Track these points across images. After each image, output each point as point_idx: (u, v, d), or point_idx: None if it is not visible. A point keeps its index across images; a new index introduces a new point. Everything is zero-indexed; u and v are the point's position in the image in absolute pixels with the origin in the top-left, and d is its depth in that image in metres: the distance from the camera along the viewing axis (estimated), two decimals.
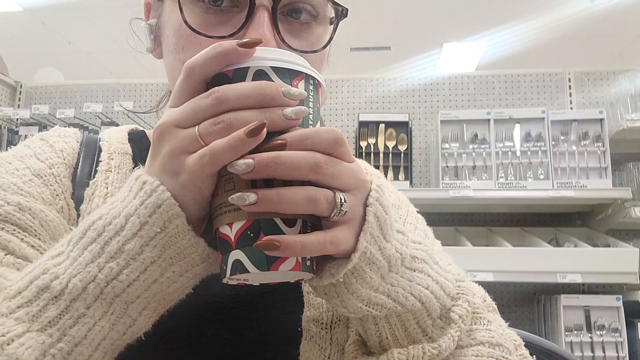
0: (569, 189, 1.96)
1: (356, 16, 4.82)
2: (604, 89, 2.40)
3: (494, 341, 0.50)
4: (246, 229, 0.38)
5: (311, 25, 0.51)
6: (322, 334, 0.53)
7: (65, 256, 0.39)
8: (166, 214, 0.38)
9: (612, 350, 1.87)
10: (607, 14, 4.83)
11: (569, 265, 1.86)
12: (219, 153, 0.36)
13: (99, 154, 0.60)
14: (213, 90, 0.38)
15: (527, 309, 2.26)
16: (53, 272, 0.38)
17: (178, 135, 0.38)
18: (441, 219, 2.40)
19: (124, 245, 0.38)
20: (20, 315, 0.37)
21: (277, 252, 0.36)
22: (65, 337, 0.37)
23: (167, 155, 0.39)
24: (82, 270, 0.38)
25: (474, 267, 1.88)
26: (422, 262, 0.46)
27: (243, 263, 0.38)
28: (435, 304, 0.46)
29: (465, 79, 2.52)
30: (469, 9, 4.91)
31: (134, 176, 0.40)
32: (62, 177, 0.56)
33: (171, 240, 0.39)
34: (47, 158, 0.56)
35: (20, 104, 2.76)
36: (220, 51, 0.38)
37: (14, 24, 5.45)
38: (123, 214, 0.39)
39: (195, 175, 0.37)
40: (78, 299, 0.38)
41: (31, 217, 0.49)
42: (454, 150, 2.10)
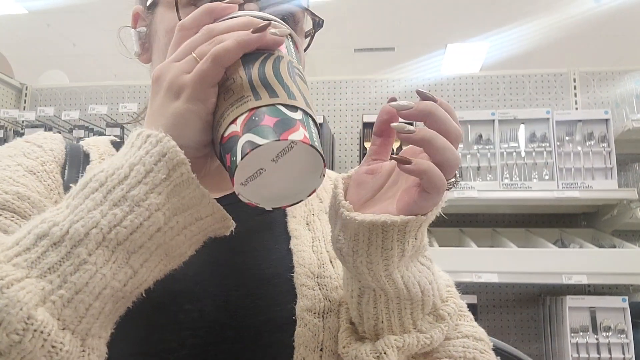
0: (574, 190, 1.95)
1: (360, 17, 4.88)
2: (609, 89, 2.39)
3: (477, 336, 0.55)
4: (251, 116, 0.39)
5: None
6: (315, 322, 0.55)
7: (64, 207, 0.39)
8: (171, 161, 0.39)
9: (618, 352, 1.86)
10: (612, 14, 4.81)
11: (575, 266, 1.85)
12: (226, 50, 0.40)
13: (85, 158, 0.62)
14: (204, 27, 0.42)
15: (533, 310, 2.25)
16: (51, 220, 0.38)
17: (175, 65, 0.42)
18: (445, 220, 2.38)
19: (128, 193, 0.38)
20: (18, 261, 0.36)
21: (409, 167, 0.41)
22: (66, 283, 0.37)
23: (168, 82, 0.41)
24: (84, 217, 0.38)
25: (478, 268, 1.87)
26: (429, 261, 0.51)
27: (252, 140, 0.38)
28: (430, 299, 0.50)
29: (470, 80, 2.51)
30: (473, 9, 4.90)
31: (134, 134, 0.42)
32: (54, 173, 0.57)
33: (176, 189, 0.40)
34: (38, 156, 0.58)
35: (25, 106, 2.77)
36: (207, 7, 0.44)
37: (19, 27, 5.48)
38: (127, 164, 0.39)
39: (198, 86, 0.40)
40: (80, 244, 0.37)
41: (30, 205, 0.50)
42: (459, 150, 2.09)
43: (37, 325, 0.35)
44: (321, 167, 0.41)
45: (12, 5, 5.02)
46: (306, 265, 0.59)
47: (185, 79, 0.41)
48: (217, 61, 0.40)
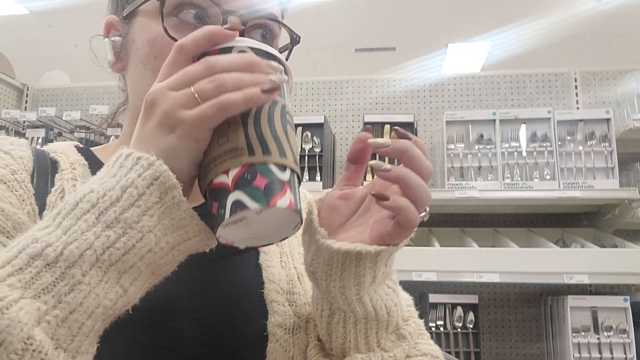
0: (576, 190, 1.95)
1: (361, 17, 4.89)
2: (611, 89, 2.39)
3: (434, 353, 0.59)
4: (243, 173, 0.41)
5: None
6: (286, 338, 0.57)
7: (54, 227, 0.39)
8: (163, 185, 0.40)
9: (619, 352, 1.86)
10: (613, 14, 4.81)
11: (576, 266, 1.85)
12: (233, 104, 0.40)
13: (53, 165, 0.60)
14: (205, 58, 0.42)
15: (534, 310, 2.25)
16: (44, 241, 0.38)
17: (172, 95, 0.41)
18: (447, 219, 2.39)
19: (121, 215, 0.39)
20: (12, 282, 0.36)
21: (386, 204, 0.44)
22: (61, 304, 0.37)
23: (163, 113, 0.41)
24: (78, 238, 0.38)
25: (480, 268, 1.87)
26: (394, 284, 0.54)
27: (243, 201, 0.40)
28: (394, 320, 0.54)
29: (471, 80, 2.51)
30: (474, 9, 4.90)
31: (122, 154, 0.42)
32: (25, 182, 0.56)
33: (167, 211, 0.41)
34: (8, 164, 0.56)
35: (27, 107, 2.78)
36: (209, 32, 0.43)
37: (21, 27, 5.48)
38: (118, 187, 0.40)
39: (196, 127, 0.40)
40: (74, 265, 0.37)
41: (4, 218, 0.49)
42: (460, 150, 2.09)
43: (35, 346, 0.35)
44: (298, 223, 0.44)
45: (13, 5, 5.03)
46: (276, 281, 0.61)
47: (183, 115, 0.41)
48: (222, 111, 0.40)
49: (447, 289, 2.23)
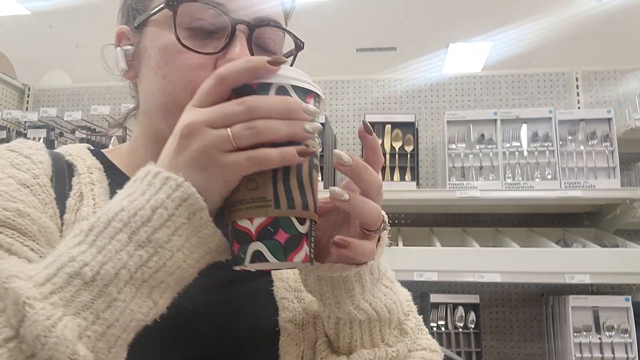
0: (577, 189, 1.95)
1: (362, 17, 4.88)
2: (612, 89, 2.38)
3: (433, 347, 0.63)
4: (267, 225, 0.44)
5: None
6: (296, 332, 0.61)
7: (88, 245, 0.41)
8: (192, 206, 0.42)
9: (621, 352, 1.86)
10: (614, 13, 4.80)
11: (577, 265, 1.85)
12: (270, 160, 0.42)
13: (69, 169, 0.62)
14: (245, 99, 0.43)
15: (535, 310, 2.24)
16: (81, 260, 0.40)
17: (210, 134, 0.42)
18: (448, 219, 2.39)
19: (152, 235, 0.41)
20: (55, 300, 0.38)
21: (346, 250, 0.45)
22: (99, 319, 0.39)
23: (199, 151, 0.42)
24: (112, 257, 0.40)
25: (481, 268, 1.87)
26: (391, 282, 0.58)
27: (263, 254, 0.44)
28: (395, 317, 0.57)
29: (472, 79, 2.51)
30: (475, 9, 4.90)
31: (150, 172, 0.44)
32: (47, 187, 0.57)
33: (195, 230, 0.43)
34: (30, 169, 0.57)
35: (28, 107, 2.78)
36: (252, 65, 0.44)
37: (22, 28, 5.49)
38: (148, 206, 0.42)
39: (230, 172, 0.43)
40: (110, 284, 0.40)
41: (30, 222, 0.51)
42: (461, 150, 2.09)
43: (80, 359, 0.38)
44: (308, 264, 0.47)
45: (14, 6, 5.03)
46: (284, 279, 0.65)
47: (218, 159, 0.42)
48: (257, 165, 0.42)
49: (448, 288, 2.23)
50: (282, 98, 0.44)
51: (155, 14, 0.59)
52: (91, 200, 0.59)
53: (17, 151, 0.60)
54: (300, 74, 0.46)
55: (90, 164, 0.64)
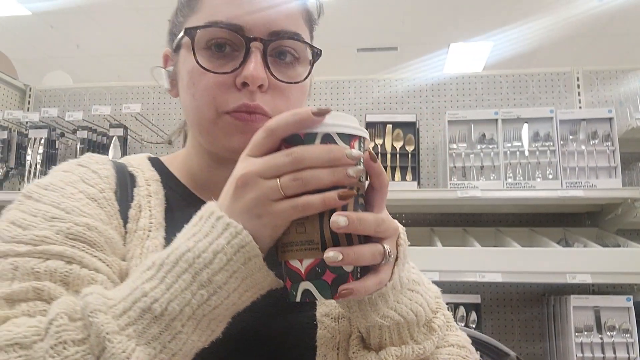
0: (578, 189, 1.95)
1: (363, 17, 4.86)
2: (613, 88, 2.38)
3: (461, 344, 0.67)
4: (315, 266, 0.48)
5: (294, 64, 0.66)
6: (332, 325, 0.66)
7: (159, 281, 0.47)
8: (248, 253, 0.47)
9: (623, 352, 1.86)
10: (615, 13, 4.80)
11: (579, 265, 1.85)
12: (312, 206, 0.46)
13: (131, 179, 0.69)
14: (292, 150, 0.47)
15: (537, 310, 2.24)
16: (152, 296, 0.46)
17: (262, 185, 0.47)
18: (449, 219, 2.39)
19: (212, 277, 0.47)
20: (129, 332, 0.45)
21: (352, 295, 0.48)
22: (165, 349, 0.47)
23: (253, 201, 0.48)
24: (178, 296, 0.47)
25: (482, 268, 1.87)
26: (417, 284, 0.60)
27: (312, 292, 0.49)
28: (423, 317, 0.60)
29: (473, 79, 2.51)
30: (476, 8, 4.90)
31: (213, 214, 0.49)
32: (112, 200, 0.64)
33: (249, 273, 0.48)
34: (97, 184, 0.65)
35: (29, 107, 2.78)
36: (298, 118, 0.48)
37: (23, 28, 5.50)
38: (210, 250, 0.47)
39: (279, 219, 0.47)
40: (175, 319, 0.47)
41: (98, 234, 0.58)
42: (462, 150, 2.09)
43: None
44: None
45: (15, 6, 5.04)
46: None
47: (269, 208, 0.47)
48: (302, 211, 0.47)
49: (449, 288, 2.23)
50: (326, 147, 0.48)
51: (181, 39, 0.67)
52: (147, 212, 0.66)
53: (87, 166, 0.67)
54: (345, 119, 0.50)
55: (149, 175, 0.71)
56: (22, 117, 2.47)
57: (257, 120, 0.63)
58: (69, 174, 0.65)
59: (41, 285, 0.51)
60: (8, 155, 2.46)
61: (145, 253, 0.62)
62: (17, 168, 2.47)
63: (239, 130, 0.63)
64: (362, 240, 0.50)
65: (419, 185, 2.15)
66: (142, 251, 0.62)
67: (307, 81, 0.69)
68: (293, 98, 0.66)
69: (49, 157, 2.46)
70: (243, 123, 0.63)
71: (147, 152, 0.95)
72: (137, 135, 2.60)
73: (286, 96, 0.66)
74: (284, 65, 0.66)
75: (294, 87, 0.66)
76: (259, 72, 0.61)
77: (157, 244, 0.63)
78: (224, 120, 0.64)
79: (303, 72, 0.67)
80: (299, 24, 0.67)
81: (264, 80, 0.62)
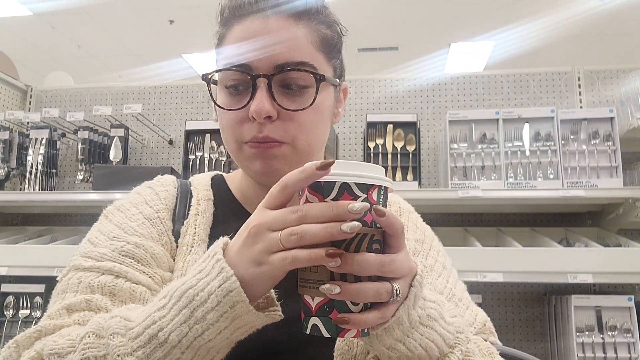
0: (579, 189, 1.95)
1: (364, 17, 4.86)
2: (614, 88, 2.38)
3: None
4: (324, 304, 0.52)
5: (302, 91, 0.72)
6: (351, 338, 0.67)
7: (167, 311, 0.54)
8: (234, 298, 0.52)
9: (624, 352, 1.86)
10: (616, 12, 4.79)
11: (580, 265, 1.85)
12: (299, 261, 0.50)
13: (190, 198, 0.81)
14: (299, 208, 0.51)
15: (538, 310, 2.24)
16: (159, 325, 0.54)
17: (267, 237, 0.51)
18: (450, 219, 2.39)
19: (206, 315, 0.52)
20: (139, 354, 0.54)
21: (347, 325, 0.51)
22: None
23: (257, 252, 0.52)
24: (178, 328, 0.53)
25: (483, 268, 1.87)
26: (433, 320, 0.60)
27: (320, 328, 0.52)
28: (435, 352, 0.61)
29: (474, 79, 2.51)
30: (477, 8, 4.89)
31: (216, 255, 0.54)
32: (165, 219, 0.77)
33: (237, 315, 0.53)
34: (155, 204, 0.78)
35: (30, 108, 2.79)
36: (305, 175, 0.51)
37: (24, 29, 5.50)
38: (206, 290, 0.52)
39: (275, 269, 0.51)
40: (176, 347, 0.53)
41: (144, 251, 0.71)
42: (463, 150, 2.09)
43: None
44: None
45: (16, 7, 5.04)
46: None
47: (268, 259, 0.51)
48: (290, 264, 0.50)
49: None
50: (329, 204, 0.50)
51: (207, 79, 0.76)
52: (193, 229, 0.77)
53: (153, 188, 0.82)
54: (365, 169, 0.52)
55: (202, 195, 0.82)
56: (23, 118, 2.47)
57: (270, 147, 0.71)
58: (137, 196, 0.80)
59: (92, 297, 0.65)
60: (9, 156, 2.47)
61: (186, 266, 0.72)
62: (18, 168, 2.47)
63: (257, 156, 0.72)
64: (374, 280, 0.51)
65: (419, 185, 2.15)
66: (184, 264, 0.73)
67: (325, 102, 0.75)
68: (307, 122, 0.73)
69: (50, 158, 2.46)
70: (259, 150, 0.72)
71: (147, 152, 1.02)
72: (138, 135, 2.60)
73: (298, 122, 0.72)
74: (291, 94, 0.72)
75: (306, 112, 0.72)
76: (262, 106, 0.69)
77: (197, 258, 0.72)
78: (245, 149, 0.73)
79: (309, 97, 0.73)
80: (306, 52, 0.72)
81: (270, 112, 0.69)
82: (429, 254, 0.85)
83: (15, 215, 2.69)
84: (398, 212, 0.92)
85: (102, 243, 0.71)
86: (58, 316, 0.64)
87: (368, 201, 0.52)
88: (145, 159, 2.63)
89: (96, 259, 0.69)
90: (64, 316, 0.64)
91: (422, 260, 0.83)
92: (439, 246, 0.90)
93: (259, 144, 0.71)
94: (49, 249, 2.14)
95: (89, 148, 2.43)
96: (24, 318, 2.18)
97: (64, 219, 2.64)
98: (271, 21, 0.71)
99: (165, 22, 5.30)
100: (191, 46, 5.85)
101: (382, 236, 0.53)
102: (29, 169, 2.40)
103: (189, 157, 2.33)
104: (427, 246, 0.87)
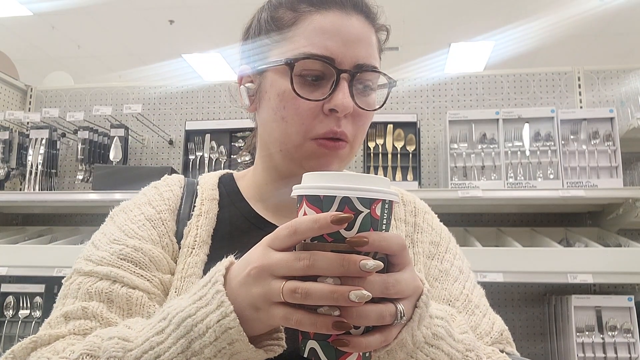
0: (579, 189, 1.95)
1: None
2: (614, 88, 2.38)
3: None
4: None
5: (371, 93, 0.73)
6: None
7: (165, 337, 0.53)
8: (232, 336, 0.50)
9: (624, 352, 1.86)
10: (616, 12, 4.79)
11: (580, 265, 1.85)
12: (304, 324, 0.47)
13: (195, 199, 0.79)
14: (306, 256, 0.48)
15: (538, 310, 2.24)
16: (157, 351, 0.52)
17: (269, 284, 0.49)
18: (450, 219, 2.38)
19: (203, 349, 0.51)
20: None
21: (347, 348, 0.48)
22: None
23: (256, 297, 0.50)
24: (175, 358, 0.52)
25: (483, 268, 1.87)
26: (439, 339, 0.58)
27: (317, 352, 0.50)
28: None
29: (474, 79, 2.51)
30: (477, 8, 4.89)
31: (216, 284, 0.52)
32: (167, 220, 0.75)
33: (235, 351, 0.51)
34: (157, 205, 0.76)
35: (30, 108, 2.79)
36: (318, 225, 0.48)
37: (24, 29, 5.50)
38: (204, 323, 0.51)
39: (273, 320, 0.49)
40: None
41: (143, 254, 0.70)
42: (463, 150, 2.09)
43: None
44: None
45: (16, 7, 5.04)
46: None
47: (267, 307, 0.49)
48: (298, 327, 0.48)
49: None
50: (339, 257, 0.47)
51: (275, 66, 0.71)
52: (195, 230, 0.74)
53: (158, 188, 0.80)
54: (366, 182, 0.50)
55: (207, 195, 0.79)
56: (23, 118, 2.47)
57: (339, 147, 0.70)
58: (142, 197, 0.78)
59: (88, 305, 0.64)
60: (9, 156, 2.47)
61: (186, 268, 0.70)
62: (18, 168, 2.47)
63: (320, 155, 0.70)
64: (376, 301, 0.48)
65: (419, 186, 2.15)
66: (184, 267, 0.71)
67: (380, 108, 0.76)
68: (366, 123, 0.73)
69: (50, 158, 2.46)
70: (327, 150, 0.69)
71: (147, 152, 1.01)
72: (138, 135, 2.60)
73: (362, 122, 0.72)
74: (364, 94, 0.72)
75: (369, 114, 0.73)
76: (349, 101, 0.68)
77: (198, 260, 0.71)
78: (308, 146, 0.70)
79: (376, 99, 0.74)
80: (376, 56, 0.74)
81: (353, 108, 0.69)
82: (445, 258, 0.83)
83: (15, 215, 2.69)
84: (413, 213, 0.88)
85: (103, 246, 0.71)
86: (56, 324, 0.64)
87: (370, 216, 0.49)
88: (145, 159, 2.63)
89: (96, 263, 0.69)
90: (61, 324, 0.64)
91: (437, 264, 0.81)
92: (455, 249, 0.87)
93: (332, 142, 0.69)
94: (49, 249, 2.14)
95: (89, 148, 2.43)
96: (23, 318, 2.18)
97: (64, 219, 2.64)
98: (353, 19, 0.71)
99: (165, 22, 5.30)
100: (191, 46, 5.85)
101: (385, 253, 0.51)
102: (29, 169, 2.40)
103: (189, 157, 2.34)
104: (442, 249, 0.84)
